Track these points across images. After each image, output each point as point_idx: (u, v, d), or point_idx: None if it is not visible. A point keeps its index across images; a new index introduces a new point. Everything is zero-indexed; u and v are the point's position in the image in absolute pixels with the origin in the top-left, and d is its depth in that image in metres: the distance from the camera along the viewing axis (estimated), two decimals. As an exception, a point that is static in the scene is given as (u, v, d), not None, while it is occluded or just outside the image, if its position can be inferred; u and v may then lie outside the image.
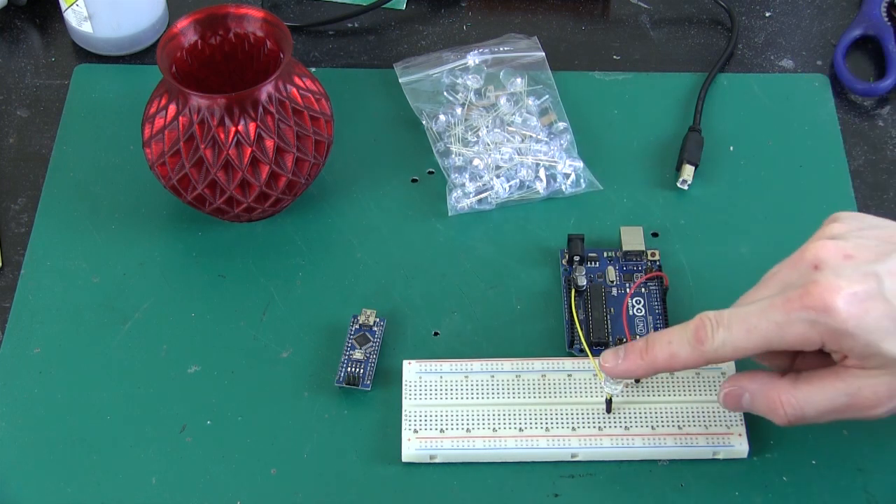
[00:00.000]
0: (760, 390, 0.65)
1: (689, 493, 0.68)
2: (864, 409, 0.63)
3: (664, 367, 0.65)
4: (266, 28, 0.77)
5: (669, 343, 0.65)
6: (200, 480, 0.69)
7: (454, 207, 0.80)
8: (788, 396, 0.63)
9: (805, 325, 0.60)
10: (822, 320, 0.60)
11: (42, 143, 0.85)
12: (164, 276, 0.77)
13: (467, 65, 0.87)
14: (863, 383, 0.62)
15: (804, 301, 0.60)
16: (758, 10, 0.93)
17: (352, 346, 0.73)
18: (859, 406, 0.62)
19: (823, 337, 0.60)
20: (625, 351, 0.66)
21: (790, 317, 0.61)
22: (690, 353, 0.64)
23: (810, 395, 0.63)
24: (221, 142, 0.73)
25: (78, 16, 0.88)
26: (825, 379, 0.63)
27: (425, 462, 0.69)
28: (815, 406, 0.63)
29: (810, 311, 0.60)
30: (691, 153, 0.82)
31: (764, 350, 0.63)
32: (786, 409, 0.64)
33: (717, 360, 0.64)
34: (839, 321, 0.59)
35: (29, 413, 0.71)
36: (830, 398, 0.63)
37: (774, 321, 0.61)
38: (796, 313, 0.60)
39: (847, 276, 0.60)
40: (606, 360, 0.67)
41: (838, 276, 0.60)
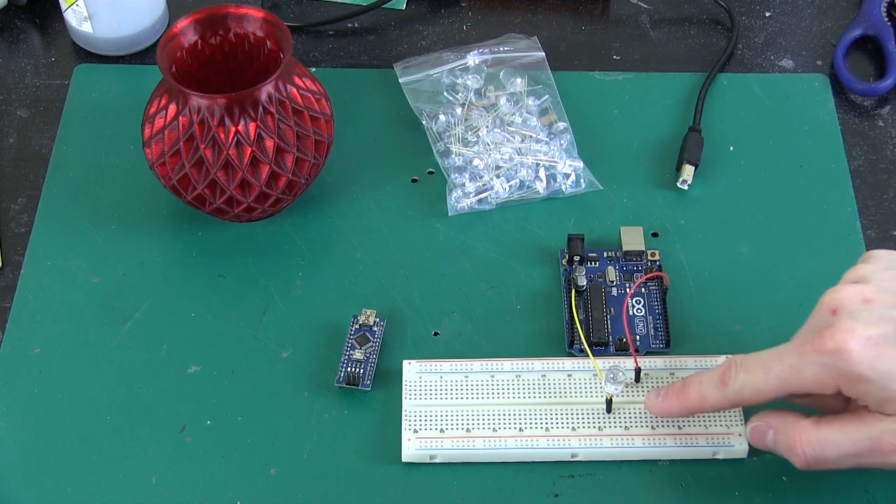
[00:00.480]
0: (783, 429, 0.65)
1: (689, 493, 0.68)
2: (887, 455, 0.62)
3: (696, 407, 0.66)
4: (266, 28, 0.77)
5: (700, 384, 0.66)
6: (200, 480, 0.69)
7: (454, 207, 0.80)
8: (809, 436, 0.63)
9: (818, 368, 0.60)
10: (835, 363, 0.60)
11: (42, 143, 0.85)
12: (164, 276, 0.77)
13: (467, 65, 0.87)
14: (886, 427, 0.61)
15: (816, 345, 0.60)
16: (758, 10, 0.93)
17: (352, 346, 0.73)
18: (882, 451, 0.62)
19: (837, 381, 0.60)
20: (665, 391, 0.68)
21: (804, 360, 0.61)
22: (716, 394, 0.65)
23: (831, 437, 0.62)
24: (221, 142, 0.73)
25: (78, 16, 0.88)
26: (848, 421, 0.62)
27: (425, 462, 0.69)
28: (836, 448, 0.62)
29: (823, 354, 0.60)
30: (691, 153, 0.82)
31: (783, 392, 0.63)
32: (804, 448, 0.63)
33: (741, 402, 0.64)
34: (852, 364, 0.59)
35: (29, 413, 0.71)
36: (853, 441, 0.62)
37: (789, 364, 0.61)
38: (809, 356, 0.60)
39: (863, 319, 0.60)
40: (649, 400, 0.68)
41: (854, 319, 0.60)
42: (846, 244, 0.78)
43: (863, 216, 0.80)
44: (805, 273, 0.77)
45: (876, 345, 0.59)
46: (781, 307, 0.75)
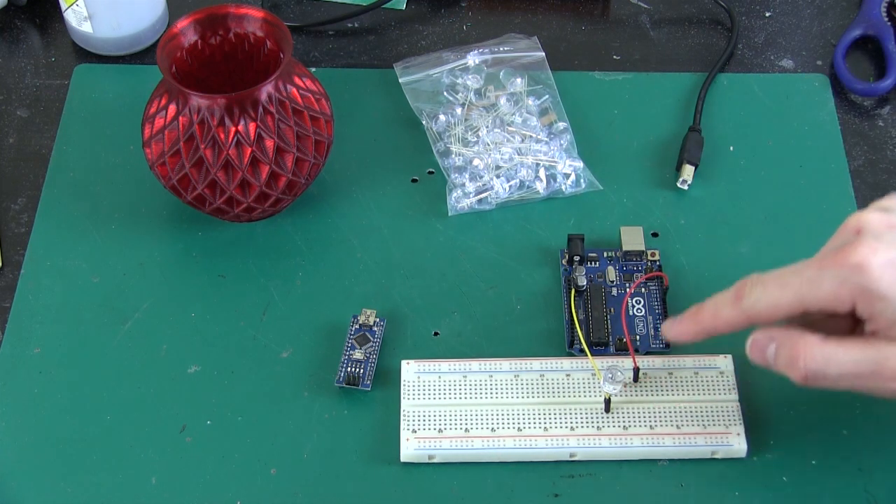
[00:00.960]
0: (787, 340, 0.64)
1: (688, 493, 0.68)
2: (888, 381, 0.62)
3: (710, 325, 0.66)
4: (266, 28, 0.77)
5: (715, 302, 0.66)
6: (200, 480, 0.69)
7: (454, 207, 0.80)
8: (814, 350, 0.62)
9: (837, 283, 0.60)
10: (854, 279, 0.60)
11: (42, 143, 0.85)
12: (164, 276, 0.77)
13: (467, 65, 0.87)
14: (891, 353, 0.61)
15: (838, 259, 0.61)
16: (758, 10, 0.93)
17: (352, 346, 0.73)
18: (884, 376, 0.61)
19: (854, 296, 0.60)
20: (681, 317, 0.68)
21: (823, 273, 0.61)
22: (731, 310, 0.64)
23: (837, 354, 0.62)
24: (221, 142, 0.73)
25: (78, 16, 0.88)
26: (855, 342, 0.62)
27: (424, 462, 0.69)
28: (838, 366, 0.62)
29: (844, 268, 0.60)
30: (691, 153, 0.82)
31: (798, 308, 0.62)
32: (807, 361, 0.62)
33: (755, 318, 0.64)
34: (871, 280, 0.59)
35: (29, 413, 0.71)
36: (856, 361, 0.62)
37: (807, 277, 0.62)
38: (829, 270, 0.61)
39: (888, 241, 0.60)
40: (665, 326, 0.69)
41: (878, 240, 0.60)
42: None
43: (863, 216, 0.80)
44: (805, 273, 0.77)
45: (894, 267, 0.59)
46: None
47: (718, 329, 0.66)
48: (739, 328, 0.66)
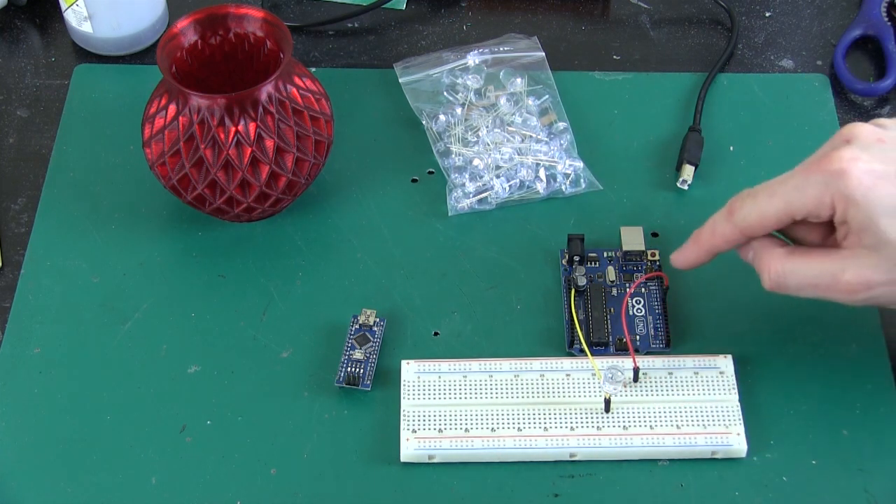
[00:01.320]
0: (760, 251, 0.68)
1: (688, 493, 0.68)
2: (843, 293, 0.65)
3: (710, 244, 0.69)
4: (266, 28, 0.77)
5: (712, 222, 0.69)
6: (200, 480, 0.69)
7: (454, 207, 0.80)
8: (778, 263, 0.67)
9: (820, 187, 0.64)
10: (835, 183, 0.63)
11: (42, 143, 0.85)
12: (164, 276, 0.77)
13: (467, 65, 0.87)
14: (849, 265, 0.64)
15: (822, 164, 0.64)
16: (758, 10, 0.93)
17: (352, 346, 0.73)
18: (839, 288, 0.65)
19: (834, 200, 0.63)
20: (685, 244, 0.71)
21: (808, 179, 0.64)
22: (726, 225, 0.68)
23: (798, 267, 0.66)
24: (221, 142, 0.73)
25: (78, 16, 0.88)
26: (816, 255, 0.66)
27: (424, 462, 0.69)
28: (797, 278, 0.66)
29: (827, 174, 0.63)
30: (691, 153, 0.82)
31: (787, 215, 0.66)
32: (771, 273, 0.67)
33: (748, 230, 0.67)
34: (850, 186, 0.63)
35: (29, 413, 0.71)
36: (815, 274, 0.66)
37: (793, 185, 0.65)
38: (814, 175, 0.64)
39: (872, 153, 0.63)
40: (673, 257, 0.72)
41: (864, 150, 0.63)
42: (846, 244, 0.78)
43: (863, 216, 0.80)
44: (805, 273, 0.77)
45: (876, 177, 0.63)
46: (781, 307, 0.75)
47: (717, 246, 0.69)
48: (736, 242, 0.69)
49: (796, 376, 0.72)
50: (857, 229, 0.64)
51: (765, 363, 0.73)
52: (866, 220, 0.63)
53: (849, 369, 0.73)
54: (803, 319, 0.75)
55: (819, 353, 0.73)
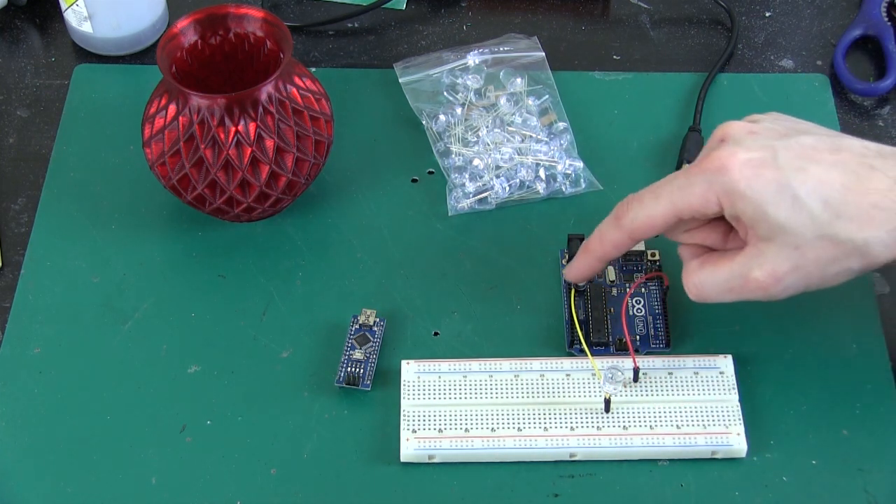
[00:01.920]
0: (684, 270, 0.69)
1: (688, 493, 0.68)
2: (757, 290, 0.66)
3: (600, 251, 0.70)
4: (266, 28, 0.77)
5: (599, 230, 0.70)
6: (200, 480, 0.69)
7: (454, 207, 0.80)
8: (692, 276, 0.68)
9: (704, 187, 0.65)
10: (718, 180, 0.65)
11: (42, 143, 0.85)
12: (164, 276, 0.77)
13: (467, 65, 0.87)
14: (753, 263, 0.65)
15: (703, 164, 0.66)
16: (758, 10, 0.93)
17: (352, 346, 0.73)
18: (752, 287, 0.66)
19: (720, 197, 0.65)
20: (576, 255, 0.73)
21: (690, 179, 0.66)
22: (614, 231, 0.69)
23: (708, 278, 0.67)
24: (221, 142, 0.73)
25: (78, 16, 0.88)
26: (721, 263, 0.67)
27: (424, 462, 0.69)
28: (713, 286, 0.67)
29: (708, 172, 0.65)
30: (691, 153, 0.82)
31: (673, 216, 0.67)
32: (689, 287, 0.68)
33: (636, 234, 0.68)
34: (732, 181, 0.64)
35: (29, 413, 0.71)
36: (726, 279, 0.67)
37: (677, 185, 0.66)
38: (696, 176, 0.66)
39: (746, 146, 0.65)
40: (566, 272, 0.73)
41: (738, 144, 0.65)
42: (846, 244, 0.78)
43: (863, 216, 0.80)
44: (805, 273, 0.77)
45: (755, 167, 0.64)
46: (781, 307, 0.75)
47: (608, 253, 0.70)
48: (626, 247, 0.70)
49: (796, 376, 0.72)
50: (750, 222, 0.65)
51: (765, 363, 0.73)
52: (756, 211, 0.64)
53: (849, 369, 0.73)
54: (803, 319, 0.75)
55: (819, 353, 0.73)
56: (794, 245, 0.64)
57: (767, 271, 0.65)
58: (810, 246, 0.64)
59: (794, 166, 0.64)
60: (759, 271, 0.65)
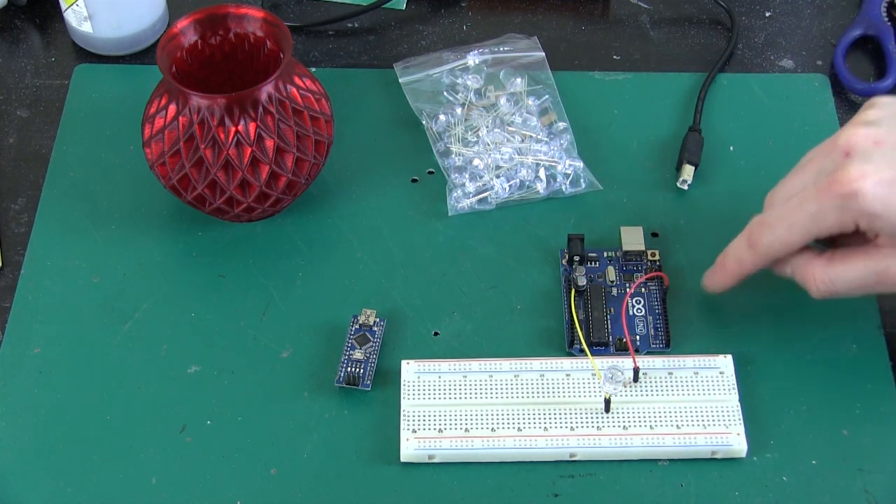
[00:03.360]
0: (800, 265, 0.70)
1: (688, 493, 0.68)
2: (890, 287, 0.68)
3: (737, 272, 0.72)
4: (266, 28, 0.77)
5: (735, 254, 0.71)
6: (200, 480, 0.69)
7: (454, 207, 0.80)
8: (822, 274, 0.69)
9: (838, 212, 0.65)
10: (852, 206, 0.65)
11: (42, 143, 0.85)
12: (164, 276, 0.77)
13: (467, 65, 0.87)
14: (891, 262, 0.67)
15: (833, 189, 0.65)
16: (758, 10, 0.93)
17: (352, 346, 0.73)
18: (886, 283, 0.68)
19: (856, 219, 0.65)
20: (713, 269, 0.74)
21: (823, 205, 0.66)
22: (751, 257, 0.70)
23: (842, 273, 0.68)
24: (221, 142, 0.73)
25: (78, 16, 0.88)
26: (856, 258, 0.68)
27: (424, 462, 0.69)
28: (846, 282, 0.68)
29: (840, 198, 0.65)
30: (691, 153, 0.82)
31: (809, 239, 0.68)
32: (818, 284, 0.69)
33: (773, 256, 0.70)
34: (867, 204, 0.64)
35: (29, 413, 0.71)
36: (861, 276, 0.68)
37: (810, 213, 0.66)
38: (828, 202, 0.65)
39: (875, 161, 0.64)
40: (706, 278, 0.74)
41: (867, 162, 0.65)
42: (846, 244, 0.78)
43: (863, 216, 0.80)
44: (805, 273, 0.77)
45: (888, 185, 0.64)
46: (781, 307, 0.75)
47: (746, 273, 0.72)
48: (764, 266, 0.71)
49: (796, 376, 0.72)
50: (890, 234, 0.66)
51: (765, 363, 0.73)
52: (893, 227, 0.65)
53: (849, 369, 0.73)
54: (803, 319, 0.75)
55: (819, 353, 0.73)
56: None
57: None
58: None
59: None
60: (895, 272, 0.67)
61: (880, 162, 0.65)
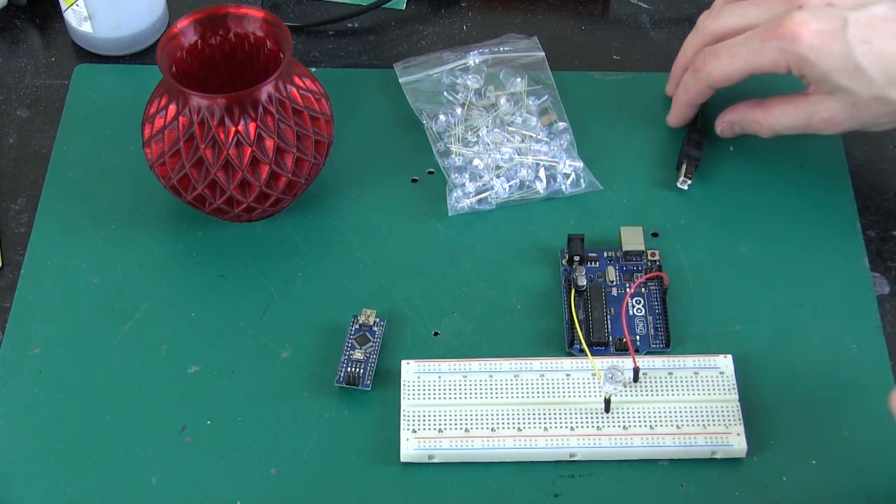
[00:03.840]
0: (743, 118, 0.80)
1: (688, 493, 0.68)
2: (821, 129, 0.77)
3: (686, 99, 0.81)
4: (266, 28, 0.77)
5: (684, 84, 0.81)
6: (200, 480, 0.69)
7: (454, 207, 0.80)
8: (763, 118, 0.79)
9: (776, 52, 0.74)
10: (789, 48, 0.73)
11: (42, 143, 0.85)
12: (164, 276, 0.77)
13: (467, 65, 0.87)
14: (814, 109, 0.76)
15: (777, 31, 0.73)
16: None
17: (352, 346, 0.73)
18: (815, 127, 0.77)
19: (790, 62, 0.74)
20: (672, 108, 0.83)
21: (765, 44, 0.74)
22: (695, 83, 0.79)
23: (779, 118, 0.78)
24: (221, 142, 0.73)
25: (78, 16, 0.88)
26: (788, 105, 0.78)
27: (424, 462, 0.69)
28: (783, 125, 0.78)
29: (781, 39, 0.73)
30: (691, 153, 0.82)
31: (747, 73, 0.76)
32: (763, 128, 0.79)
33: (713, 84, 0.78)
34: (802, 50, 0.73)
35: (29, 413, 0.71)
36: (793, 119, 0.77)
37: (752, 49, 0.75)
38: (770, 42, 0.74)
39: (820, 16, 0.72)
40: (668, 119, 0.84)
41: (814, 14, 0.73)
42: (846, 244, 0.78)
43: (863, 216, 0.80)
44: (805, 273, 0.77)
45: (824, 38, 0.72)
46: (781, 307, 0.75)
47: (693, 100, 0.81)
48: (707, 95, 0.80)
49: (796, 376, 0.72)
50: (815, 81, 0.74)
51: (765, 363, 0.73)
52: (821, 75, 0.73)
53: (849, 369, 0.73)
54: (803, 319, 0.75)
55: (819, 353, 0.73)
56: (852, 102, 0.74)
57: (826, 118, 0.76)
58: (865, 104, 0.74)
59: (860, 38, 0.72)
60: (819, 117, 0.76)
61: (826, 18, 0.72)
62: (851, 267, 0.77)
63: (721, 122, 0.82)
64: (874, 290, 0.76)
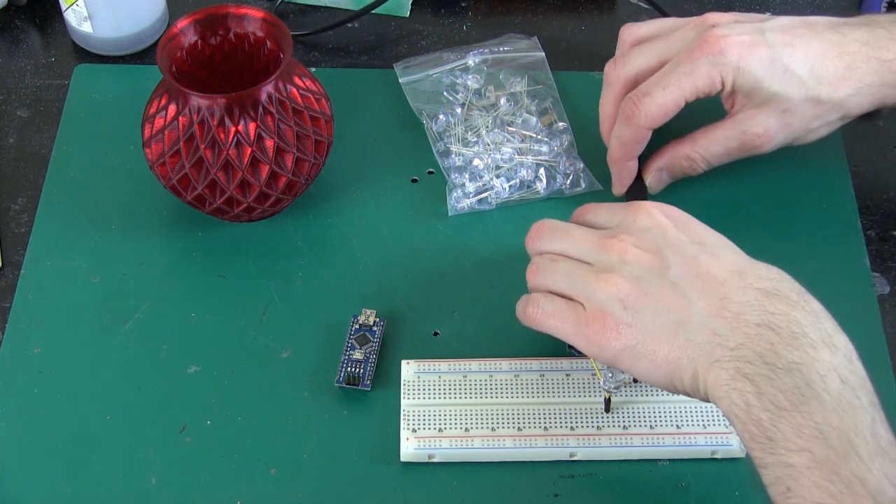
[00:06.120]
0: (672, 158, 0.78)
1: (688, 493, 0.68)
2: (755, 147, 0.76)
3: (623, 154, 0.78)
4: (266, 28, 0.77)
5: (616, 139, 0.77)
6: (200, 480, 0.69)
7: (454, 207, 0.80)
8: (693, 153, 0.77)
9: (708, 68, 0.73)
10: (719, 61, 0.73)
11: (42, 143, 0.85)
12: (164, 276, 0.77)
13: (467, 65, 0.87)
14: (744, 127, 0.75)
15: (703, 48, 0.73)
16: (758, 10, 0.93)
17: (352, 346, 0.73)
18: (750, 145, 0.76)
19: (723, 74, 0.73)
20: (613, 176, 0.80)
21: (695, 65, 0.73)
22: (629, 131, 0.76)
23: (708, 147, 0.77)
24: (221, 142, 0.73)
25: (78, 16, 0.88)
26: (716, 131, 0.77)
27: (424, 462, 0.69)
28: (715, 154, 0.77)
29: (709, 55, 0.73)
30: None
31: (683, 100, 0.74)
32: (694, 164, 0.78)
33: (651, 124, 0.75)
34: (733, 59, 0.73)
35: (29, 413, 0.71)
36: (725, 144, 0.76)
37: (683, 72, 0.73)
38: (699, 60, 0.73)
39: (737, 30, 0.74)
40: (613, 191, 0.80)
41: (730, 29, 0.74)
42: (846, 244, 0.78)
43: (863, 216, 0.80)
44: (805, 273, 0.77)
45: (749, 46, 0.73)
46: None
47: (633, 151, 0.77)
48: (645, 139, 0.77)
49: (796, 376, 0.72)
50: (747, 92, 0.74)
51: (765, 363, 0.73)
52: (753, 83, 0.73)
53: (849, 369, 0.72)
54: (803, 319, 0.75)
55: (819, 353, 0.73)
56: (783, 109, 0.74)
57: (759, 132, 0.75)
58: (797, 108, 0.74)
59: (782, 42, 0.73)
60: (751, 132, 0.75)
61: (743, 31, 0.73)
62: (851, 267, 0.77)
63: (649, 170, 0.79)
64: (874, 290, 0.76)
